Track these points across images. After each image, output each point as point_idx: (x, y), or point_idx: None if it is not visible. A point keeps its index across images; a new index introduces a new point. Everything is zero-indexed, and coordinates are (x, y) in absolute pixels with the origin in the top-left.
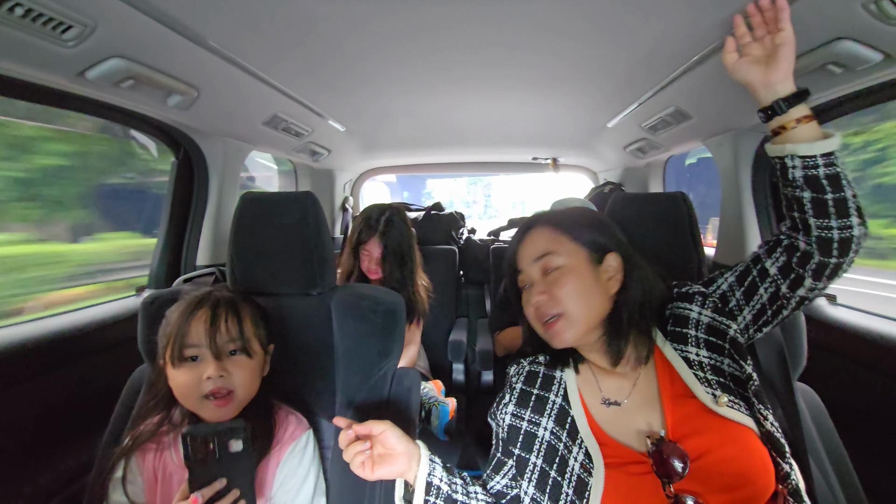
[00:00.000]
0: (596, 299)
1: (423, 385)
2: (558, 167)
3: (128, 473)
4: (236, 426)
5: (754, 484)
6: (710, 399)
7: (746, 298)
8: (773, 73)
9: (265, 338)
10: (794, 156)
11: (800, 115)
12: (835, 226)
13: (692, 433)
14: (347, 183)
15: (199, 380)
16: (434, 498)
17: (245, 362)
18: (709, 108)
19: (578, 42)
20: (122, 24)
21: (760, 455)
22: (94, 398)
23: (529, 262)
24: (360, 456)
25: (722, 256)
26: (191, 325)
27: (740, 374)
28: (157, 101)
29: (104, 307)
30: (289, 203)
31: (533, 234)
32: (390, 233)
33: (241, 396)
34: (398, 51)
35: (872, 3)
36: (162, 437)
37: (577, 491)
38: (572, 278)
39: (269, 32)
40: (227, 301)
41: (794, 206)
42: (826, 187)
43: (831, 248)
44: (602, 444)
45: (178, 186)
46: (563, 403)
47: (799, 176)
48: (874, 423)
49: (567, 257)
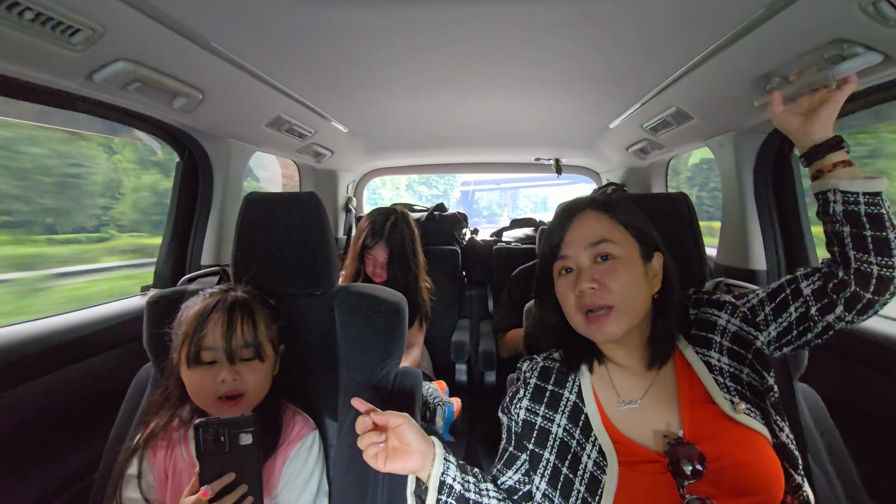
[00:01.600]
0: (644, 296)
1: (427, 385)
2: (561, 168)
3: (141, 470)
4: (247, 419)
5: (766, 491)
6: (729, 405)
7: (775, 315)
8: (811, 124)
9: (277, 338)
10: (836, 190)
11: (836, 161)
12: (874, 262)
13: (708, 436)
14: (350, 184)
15: (213, 382)
16: (446, 497)
17: (257, 367)
18: (709, 109)
19: (579, 43)
20: (129, 28)
21: (774, 463)
22: (100, 396)
23: (581, 247)
24: (375, 448)
25: (724, 257)
26: (207, 328)
27: (759, 385)
28: (162, 104)
29: (110, 306)
30: (292, 204)
31: (586, 217)
32: (395, 237)
33: (252, 399)
34: (400, 52)
35: (870, 5)
36: (172, 434)
37: (589, 489)
38: (628, 270)
39: (273, 35)
40: (242, 304)
41: (835, 241)
42: (865, 224)
43: (869, 282)
44: (616, 443)
45: (182, 187)
46: (577, 401)
47: (839, 211)
48: (876, 424)
49: (624, 248)
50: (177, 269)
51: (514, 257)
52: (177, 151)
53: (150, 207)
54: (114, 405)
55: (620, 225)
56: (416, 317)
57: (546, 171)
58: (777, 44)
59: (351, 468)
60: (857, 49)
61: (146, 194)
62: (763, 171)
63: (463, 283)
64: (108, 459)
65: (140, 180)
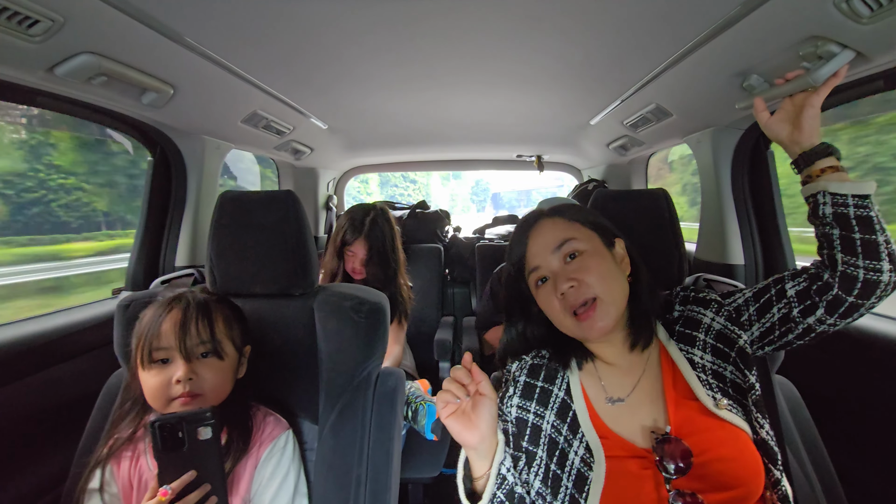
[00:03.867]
0: (620, 282)
1: (410, 384)
2: (543, 165)
3: (104, 482)
4: (205, 412)
5: (747, 485)
6: (711, 402)
7: (759, 314)
8: (798, 132)
9: (240, 339)
10: (826, 192)
11: (824, 166)
12: (861, 265)
13: (692, 432)
14: (331, 181)
15: (168, 382)
16: (498, 490)
17: (216, 364)
18: (687, 105)
19: (558, 39)
20: (92, 19)
21: (754, 458)
22: (70, 404)
23: (547, 253)
24: (451, 398)
25: (703, 252)
26: (161, 327)
27: (742, 383)
28: (131, 99)
29: (80, 310)
30: (269, 202)
31: (543, 225)
32: (374, 233)
33: (211, 399)
34: (378, 48)
35: (844, 2)
36: (138, 444)
37: (576, 485)
38: (598, 261)
39: (247, 29)
40: (198, 303)
41: (824, 244)
42: (854, 226)
43: (854, 286)
44: (603, 438)
45: (155, 186)
46: (566, 398)
47: (829, 213)
48: (850, 414)
49: (587, 242)
50: (150, 270)
51: (497, 254)
52: (148, 149)
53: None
54: (84, 413)
55: (576, 222)
56: (396, 314)
57: (528, 168)
58: (753, 41)
59: (332, 471)
60: (831, 46)
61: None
62: (740, 166)
63: (446, 280)
64: (76, 471)
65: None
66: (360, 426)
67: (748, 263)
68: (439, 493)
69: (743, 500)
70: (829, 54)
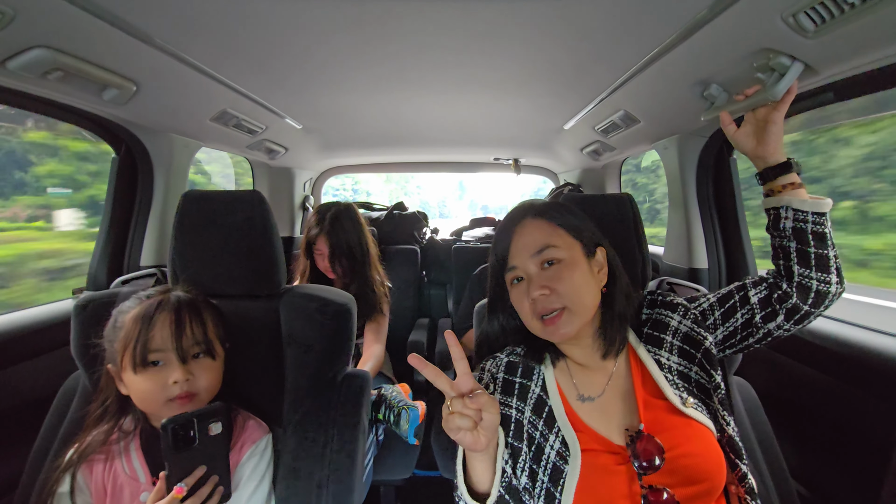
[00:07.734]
0: (592, 293)
1: (392, 388)
2: (520, 168)
3: (75, 487)
4: (216, 408)
5: (712, 479)
6: (679, 400)
7: (723, 319)
8: (762, 147)
9: (224, 338)
10: (789, 207)
11: (786, 182)
12: (814, 277)
13: (661, 430)
14: (308, 182)
15: (164, 384)
16: (499, 484)
17: (209, 364)
18: (654, 112)
19: (525, 46)
20: (44, 12)
21: (718, 454)
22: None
23: (527, 256)
24: (467, 423)
25: (670, 256)
26: (154, 330)
27: (706, 383)
28: (90, 95)
29: (34, 310)
30: (234, 202)
31: (526, 226)
32: (336, 230)
33: (205, 398)
34: (349, 49)
35: (791, 17)
36: (111, 447)
37: (552, 478)
38: (572, 273)
39: (212, 26)
40: (188, 303)
41: (781, 255)
42: (811, 241)
43: (808, 295)
44: (579, 432)
45: (119, 184)
46: (542, 393)
47: (789, 227)
48: (804, 415)
49: (566, 251)
50: (113, 270)
51: (474, 256)
52: (112, 146)
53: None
54: (37, 417)
55: (561, 228)
56: (372, 311)
57: (506, 171)
58: (710, 51)
59: (294, 474)
60: (782, 59)
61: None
62: (704, 172)
63: (423, 282)
64: (30, 475)
65: None
66: (323, 429)
67: (711, 267)
68: (412, 495)
69: (708, 493)
70: (781, 66)
